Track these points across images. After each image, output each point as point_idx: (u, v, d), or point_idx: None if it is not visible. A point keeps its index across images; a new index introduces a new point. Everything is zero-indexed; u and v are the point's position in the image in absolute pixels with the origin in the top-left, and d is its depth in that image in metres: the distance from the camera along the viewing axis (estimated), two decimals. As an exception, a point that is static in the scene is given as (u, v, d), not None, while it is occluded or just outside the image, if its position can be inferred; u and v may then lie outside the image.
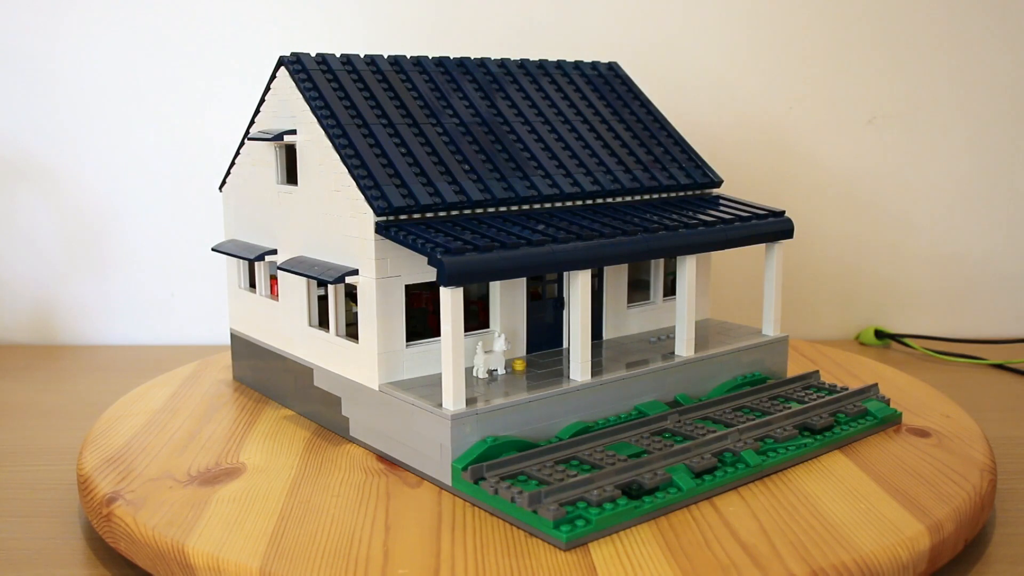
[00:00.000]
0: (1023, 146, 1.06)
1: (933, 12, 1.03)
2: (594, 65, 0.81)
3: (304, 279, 0.67)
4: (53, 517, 0.59)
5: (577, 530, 0.48)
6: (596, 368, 0.65)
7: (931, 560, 0.49)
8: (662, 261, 0.76)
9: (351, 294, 0.67)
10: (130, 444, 0.63)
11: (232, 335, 0.78)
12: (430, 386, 0.60)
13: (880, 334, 1.02)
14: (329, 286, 0.64)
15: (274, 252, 0.70)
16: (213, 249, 0.75)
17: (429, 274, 0.62)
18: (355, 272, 0.61)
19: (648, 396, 0.65)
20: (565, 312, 0.70)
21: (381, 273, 0.60)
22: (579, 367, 0.62)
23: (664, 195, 0.74)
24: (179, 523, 0.51)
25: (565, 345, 0.70)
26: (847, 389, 0.68)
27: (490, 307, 0.66)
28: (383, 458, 0.60)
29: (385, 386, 0.60)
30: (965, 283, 1.07)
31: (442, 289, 0.55)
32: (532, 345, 0.68)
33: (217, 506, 0.53)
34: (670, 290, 0.77)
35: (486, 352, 0.63)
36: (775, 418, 0.61)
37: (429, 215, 0.61)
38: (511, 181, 0.65)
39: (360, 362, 0.62)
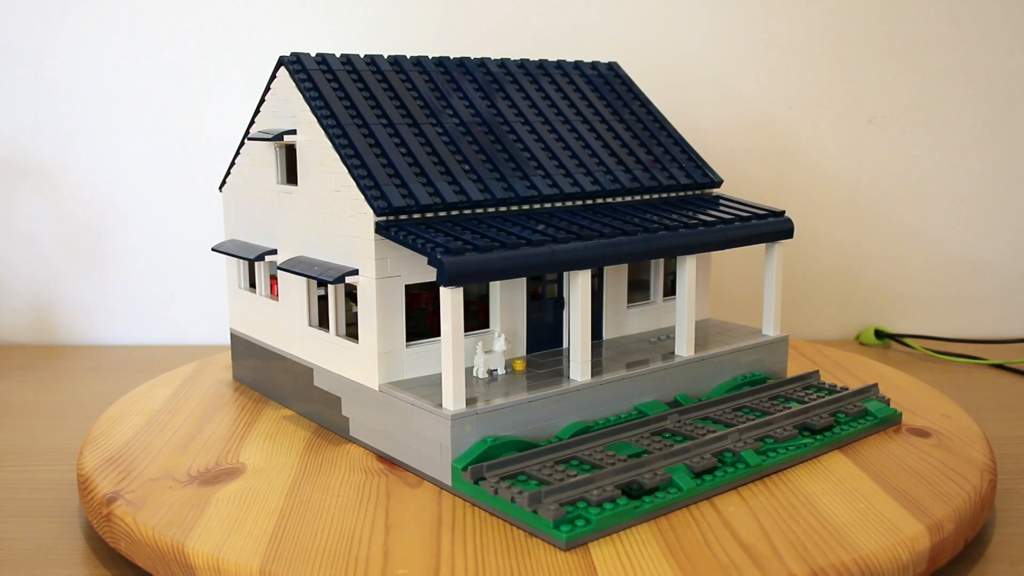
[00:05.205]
0: (1022, 145, 1.06)
1: (933, 12, 1.03)
2: (594, 65, 0.81)
3: (304, 279, 0.67)
4: (53, 517, 0.59)
5: (577, 530, 0.48)
6: (596, 368, 0.65)
7: (931, 560, 0.49)
8: (662, 261, 0.76)
9: (351, 294, 0.67)
10: (130, 444, 0.63)
11: (232, 335, 0.78)
12: (430, 386, 0.60)
13: (880, 334, 1.02)
14: (329, 286, 0.64)
15: (274, 252, 0.70)
16: (213, 249, 0.75)
17: (429, 274, 0.62)
18: (355, 272, 0.61)
19: (648, 396, 0.65)
20: (565, 312, 0.70)
21: (381, 273, 0.60)
22: (579, 367, 0.62)
23: (664, 195, 0.74)
24: (179, 523, 0.51)
25: (565, 345, 0.70)
26: (847, 389, 0.68)
27: (490, 307, 0.66)
28: (383, 458, 0.60)
29: (385, 386, 0.60)
30: (965, 283, 1.07)
31: (442, 289, 0.55)
32: (532, 345, 0.68)
33: (217, 506, 0.53)
34: (670, 290, 0.77)
35: (486, 352, 0.63)
36: (775, 418, 0.61)
37: (429, 215, 0.61)
38: (511, 181, 0.65)
39: (360, 362, 0.62)
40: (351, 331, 0.64)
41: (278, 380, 0.71)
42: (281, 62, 0.67)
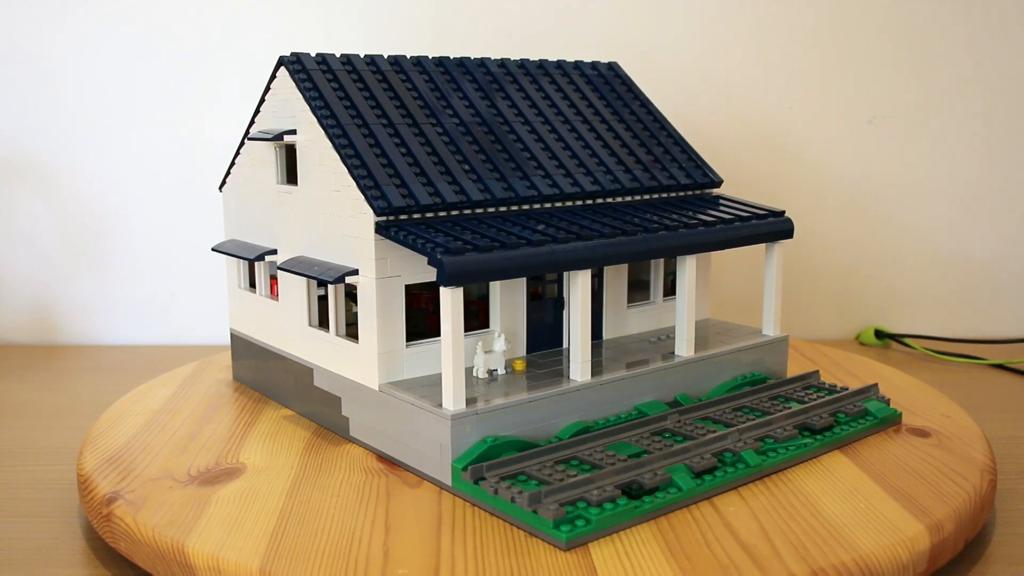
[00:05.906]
0: (1022, 145, 1.06)
1: (934, 12, 1.03)
2: (594, 65, 0.81)
3: (304, 279, 0.67)
4: (53, 517, 0.59)
5: (577, 530, 0.48)
6: (596, 368, 0.65)
7: (931, 560, 0.49)
8: (662, 261, 0.76)
9: (351, 294, 0.67)
10: (130, 444, 0.63)
11: (232, 335, 0.78)
12: (430, 386, 0.60)
13: (880, 334, 1.02)
14: (329, 286, 0.64)
15: (274, 252, 0.70)
16: (213, 249, 0.75)
17: (429, 274, 0.62)
18: (355, 272, 0.61)
19: (648, 396, 0.65)
20: (565, 312, 0.70)
21: (381, 273, 0.60)
22: (579, 367, 0.62)
23: (664, 195, 0.74)
24: (179, 523, 0.51)
25: (565, 345, 0.70)
26: (847, 389, 0.68)
27: (490, 307, 0.66)
28: (383, 458, 0.60)
29: (385, 386, 0.60)
30: (965, 283, 1.07)
31: (442, 289, 0.55)
32: (532, 345, 0.68)
33: (217, 506, 0.53)
34: (670, 290, 0.77)
35: (486, 352, 0.63)
36: (775, 418, 0.61)
37: (429, 215, 0.61)
38: (511, 181, 0.65)
39: (360, 362, 0.62)
40: (351, 331, 0.64)
41: (278, 380, 0.72)
42: (281, 62, 0.67)
